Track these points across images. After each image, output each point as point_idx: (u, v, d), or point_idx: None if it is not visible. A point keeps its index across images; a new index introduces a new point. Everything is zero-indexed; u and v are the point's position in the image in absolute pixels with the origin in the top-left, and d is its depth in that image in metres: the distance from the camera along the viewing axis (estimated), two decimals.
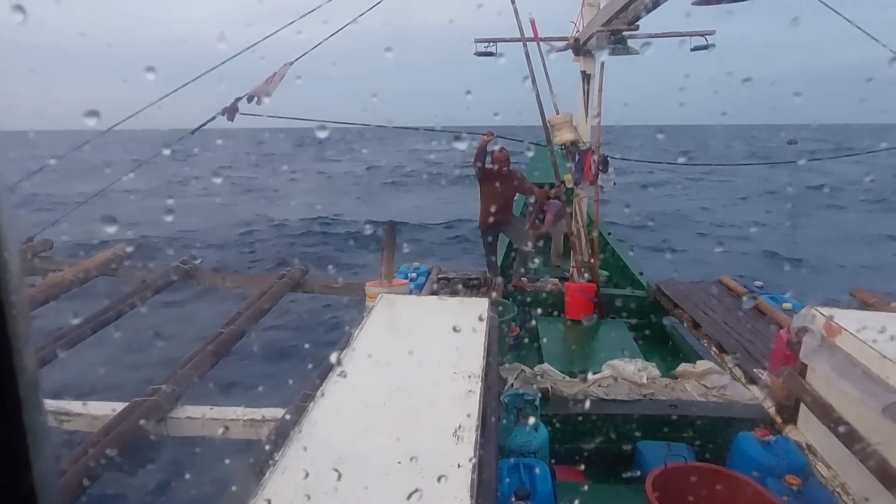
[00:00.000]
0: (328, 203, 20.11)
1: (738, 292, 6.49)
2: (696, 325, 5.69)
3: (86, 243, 8.40)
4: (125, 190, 15.90)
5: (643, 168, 20.24)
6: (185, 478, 4.46)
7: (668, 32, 6.94)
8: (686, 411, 3.88)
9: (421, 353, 2.67)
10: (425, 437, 1.97)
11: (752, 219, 17.81)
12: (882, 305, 4.90)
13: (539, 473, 2.88)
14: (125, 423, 2.99)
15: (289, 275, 5.75)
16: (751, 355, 4.77)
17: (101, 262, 5.61)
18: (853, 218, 18.82)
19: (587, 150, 6.52)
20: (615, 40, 6.11)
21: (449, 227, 16.84)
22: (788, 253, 13.88)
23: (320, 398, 2.24)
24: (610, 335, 5.91)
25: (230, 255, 13.45)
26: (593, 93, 6.70)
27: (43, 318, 5.42)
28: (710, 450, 3.57)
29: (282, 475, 1.75)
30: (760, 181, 25.20)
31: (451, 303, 3.58)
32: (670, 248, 14.54)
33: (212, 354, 3.85)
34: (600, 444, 3.73)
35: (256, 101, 5.79)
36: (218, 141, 15.29)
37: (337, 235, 15.94)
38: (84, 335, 4.18)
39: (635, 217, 17.84)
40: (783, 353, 3.83)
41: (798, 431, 3.63)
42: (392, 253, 4.86)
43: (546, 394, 4.01)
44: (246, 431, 3.30)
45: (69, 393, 3.60)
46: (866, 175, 25.73)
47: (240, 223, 17.09)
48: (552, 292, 6.73)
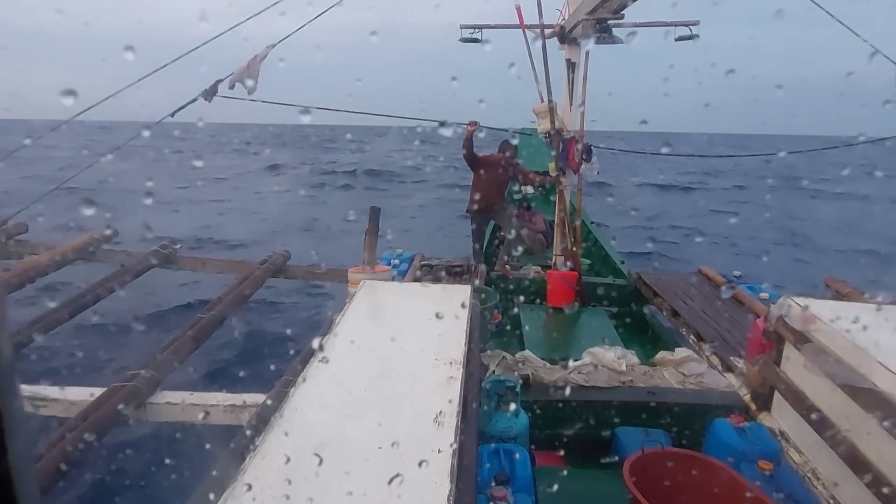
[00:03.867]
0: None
1: (717, 282, 6.58)
2: (676, 314, 5.77)
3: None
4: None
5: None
6: (165, 463, 4.43)
7: (654, 22, 6.95)
8: (664, 398, 3.95)
9: (403, 340, 2.67)
10: (406, 422, 1.98)
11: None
12: (855, 296, 5.00)
13: (519, 459, 2.91)
14: (103, 409, 2.95)
15: (270, 260, 5.70)
16: (728, 344, 4.85)
17: (78, 245, 5.51)
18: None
19: (571, 139, 6.53)
20: (601, 29, 6.12)
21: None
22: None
23: (302, 384, 2.24)
24: (591, 323, 5.97)
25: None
26: (578, 81, 6.70)
27: (19, 302, 5.33)
28: (686, 436, 3.63)
29: (262, 460, 1.75)
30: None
31: (433, 289, 3.58)
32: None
33: (192, 340, 3.81)
34: (580, 430, 3.78)
35: (241, 85, 5.70)
36: (175, 131, 13.48)
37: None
38: (61, 319, 4.12)
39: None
40: (759, 341, 3.90)
41: (772, 418, 3.71)
42: (375, 239, 4.83)
43: (527, 380, 4.04)
44: (227, 417, 3.28)
45: (46, 378, 3.55)
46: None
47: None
48: (535, 280, 6.77)
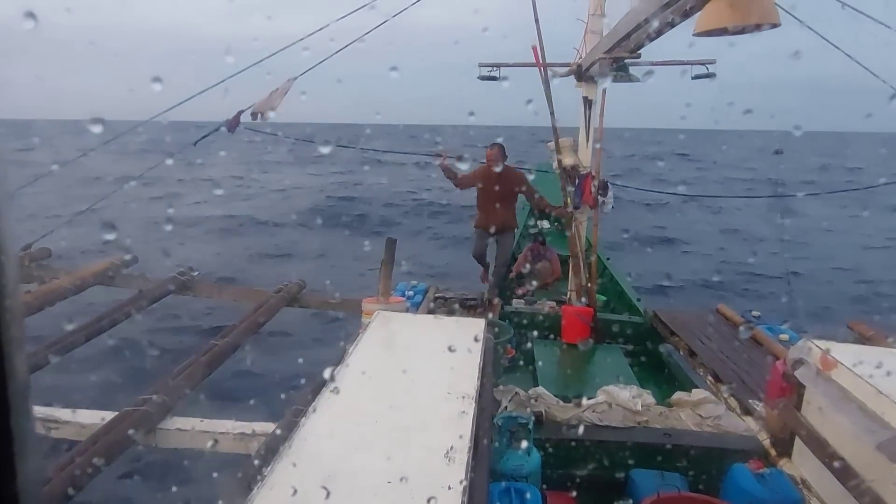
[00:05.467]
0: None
1: (735, 321, 6.47)
2: (693, 354, 5.67)
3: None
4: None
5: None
6: (172, 490, 4.40)
7: (670, 61, 7.03)
8: (680, 440, 3.85)
9: (415, 372, 2.65)
10: (416, 457, 1.95)
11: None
12: (879, 340, 4.89)
13: (530, 499, 2.85)
14: (113, 433, 2.95)
15: (286, 289, 5.73)
16: (746, 386, 4.74)
17: (97, 270, 5.60)
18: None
19: (587, 174, 6.55)
20: (617, 67, 6.19)
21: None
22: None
23: (312, 414, 2.22)
24: (606, 360, 5.88)
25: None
26: (595, 118, 6.76)
27: (37, 325, 5.38)
28: (703, 480, 3.53)
29: (269, 491, 1.73)
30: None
31: (447, 322, 3.57)
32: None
33: (204, 366, 3.82)
34: (593, 470, 3.70)
35: (261, 117, 5.84)
36: (167, 137, 12.29)
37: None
38: (77, 342, 4.15)
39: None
40: (779, 384, 3.81)
41: (792, 465, 3.59)
42: (390, 270, 4.85)
43: (539, 417, 3.97)
44: (235, 445, 3.26)
45: (59, 400, 3.56)
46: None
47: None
48: (549, 315, 6.71)
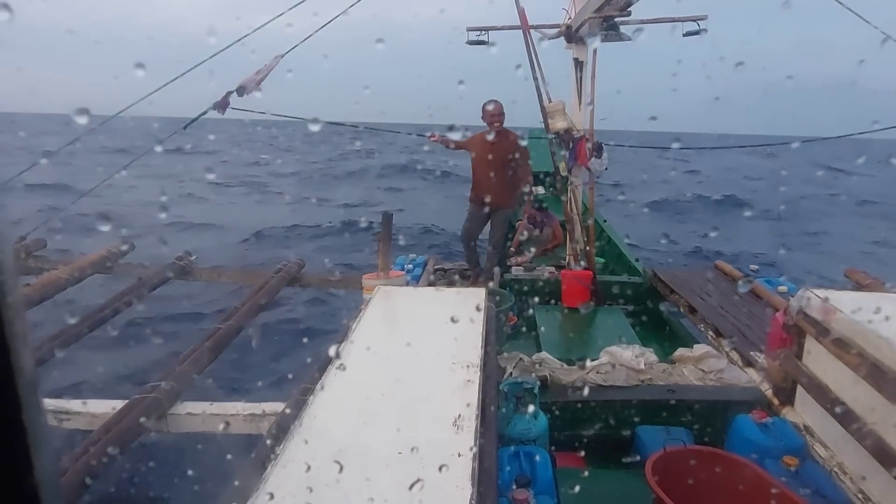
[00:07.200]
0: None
1: (733, 276, 6.51)
2: (693, 310, 5.71)
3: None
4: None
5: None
6: (188, 474, 4.46)
7: (660, 18, 6.92)
8: (684, 396, 3.90)
9: (419, 345, 2.67)
10: (425, 427, 1.98)
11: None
12: (876, 286, 4.93)
13: (539, 461, 2.89)
14: (125, 421, 2.99)
15: (285, 269, 5.74)
16: (747, 339, 4.79)
17: (95, 260, 5.59)
18: None
19: (581, 137, 6.50)
20: (607, 26, 6.10)
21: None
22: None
23: (320, 391, 2.24)
24: (607, 322, 5.93)
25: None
26: (586, 80, 6.68)
27: (38, 317, 5.40)
28: (708, 433, 3.59)
29: (283, 469, 1.76)
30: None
31: (448, 293, 3.58)
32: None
33: (210, 350, 3.85)
34: (599, 430, 3.75)
35: (247, 94, 5.74)
36: (154, 124, 12.10)
37: None
38: (81, 333, 4.18)
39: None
40: (779, 335, 3.85)
41: (795, 413, 3.65)
42: (388, 245, 4.85)
43: (545, 382, 4.02)
44: (246, 426, 3.31)
45: (68, 392, 3.59)
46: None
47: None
48: (549, 281, 6.73)
